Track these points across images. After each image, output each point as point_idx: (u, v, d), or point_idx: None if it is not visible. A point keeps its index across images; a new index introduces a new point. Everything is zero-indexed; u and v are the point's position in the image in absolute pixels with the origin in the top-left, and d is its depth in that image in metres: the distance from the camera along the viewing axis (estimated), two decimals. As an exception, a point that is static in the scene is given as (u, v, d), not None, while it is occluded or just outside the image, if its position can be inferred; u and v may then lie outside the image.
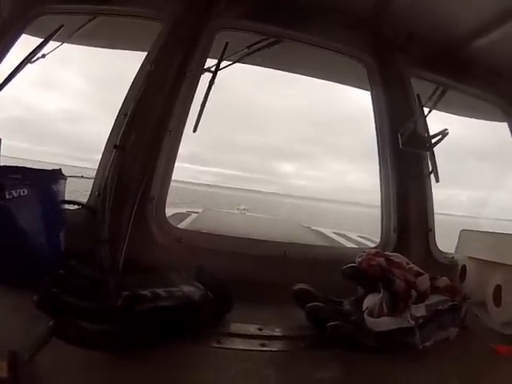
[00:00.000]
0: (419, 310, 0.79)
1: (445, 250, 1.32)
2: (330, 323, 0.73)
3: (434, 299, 0.84)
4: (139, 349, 0.67)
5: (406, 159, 1.30)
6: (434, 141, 1.27)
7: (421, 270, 0.87)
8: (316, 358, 0.74)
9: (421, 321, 0.79)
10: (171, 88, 1.12)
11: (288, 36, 1.31)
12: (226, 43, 1.22)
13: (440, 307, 0.83)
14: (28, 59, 1.32)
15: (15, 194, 0.78)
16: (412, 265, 0.90)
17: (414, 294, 0.80)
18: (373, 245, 1.55)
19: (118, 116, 1.09)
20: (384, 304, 0.78)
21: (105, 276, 0.81)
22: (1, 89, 1.32)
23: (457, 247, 1.24)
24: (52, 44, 1.37)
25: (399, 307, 0.79)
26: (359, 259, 0.85)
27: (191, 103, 1.16)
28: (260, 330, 0.78)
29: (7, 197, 0.77)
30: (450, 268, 1.20)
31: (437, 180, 1.32)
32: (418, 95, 1.41)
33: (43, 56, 1.34)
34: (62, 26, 1.33)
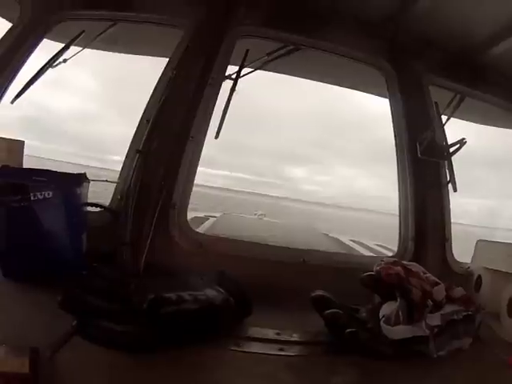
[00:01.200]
0: (434, 320, 0.82)
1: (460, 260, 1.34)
2: (348, 330, 0.76)
3: (449, 309, 0.87)
4: (161, 350, 0.71)
5: (424, 168, 1.32)
6: (452, 150, 1.30)
7: (437, 280, 0.90)
8: (332, 363, 0.78)
9: (436, 330, 0.82)
10: (193, 94, 1.16)
11: (307, 43, 1.35)
12: (247, 51, 1.27)
13: (455, 317, 0.86)
14: (49, 64, 1.38)
15: (40, 196, 0.82)
16: (429, 274, 0.93)
17: (429, 303, 0.83)
18: (390, 253, 1.56)
19: (140, 121, 1.14)
20: (400, 312, 0.81)
21: (127, 278, 0.84)
22: (23, 92, 1.37)
23: (473, 257, 1.27)
24: (73, 49, 1.43)
25: (415, 316, 0.82)
26: (377, 268, 0.88)
27: (213, 109, 1.20)
28: (278, 334, 0.82)
29: (32, 198, 0.81)
30: (466, 278, 1.23)
31: (454, 189, 1.34)
32: (436, 103, 1.44)
33: (64, 61, 1.39)
34: (83, 31, 1.38)
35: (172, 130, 1.12)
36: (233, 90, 1.21)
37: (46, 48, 1.45)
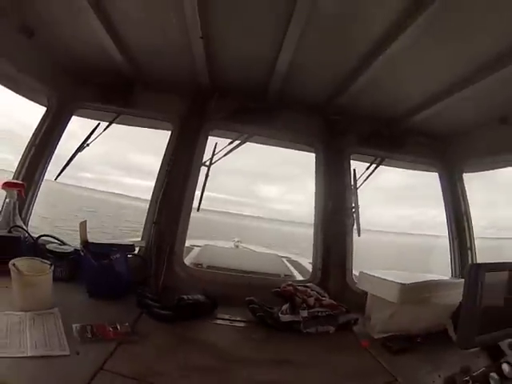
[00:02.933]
0: (305, 313, 2.94)
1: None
2: (258, 314, 2.82)
3: (317, 309, 3.14)
4: (181, 322, 3.00)
5: (334, 219, 3.27)
6: (353, 210, 3.37)
7: (312, 294, 3.03)
8: (255, 330, 2.83)
9: (306, 319, 3.05)
10: (183, 179, 3.08)
11: (257, 133, 3.15)
12: (215, 144, 3.10)
13: (319, 314, 2.98)
14: (79, 150, 3.49)
15: (114, 257, 3.03)
16: (314, 292, 3.20)
17: (304, 305, 3.05)
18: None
19: (151, 200, 3.09)
20: (288, 309, 2.99)
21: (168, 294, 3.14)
22: (63, 171, 3.52)
23: (357, 282, 3.16)
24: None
25: (295, 311, 3.03)
26: (281, 286, 3.14)
27: (196, 188, 3.13)
28: (230, 317, 2.88)
29: (112, 259, 3.12)
30: (361, 295, 3.08)
31: (359, 234, 3.38)
32: (354, 170, 3.28)
33: (87, 145, 3.48)
34: (99, 124, 3.42)
35: (172, 205, 3.07)
36: (207, 175, 3.17)
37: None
